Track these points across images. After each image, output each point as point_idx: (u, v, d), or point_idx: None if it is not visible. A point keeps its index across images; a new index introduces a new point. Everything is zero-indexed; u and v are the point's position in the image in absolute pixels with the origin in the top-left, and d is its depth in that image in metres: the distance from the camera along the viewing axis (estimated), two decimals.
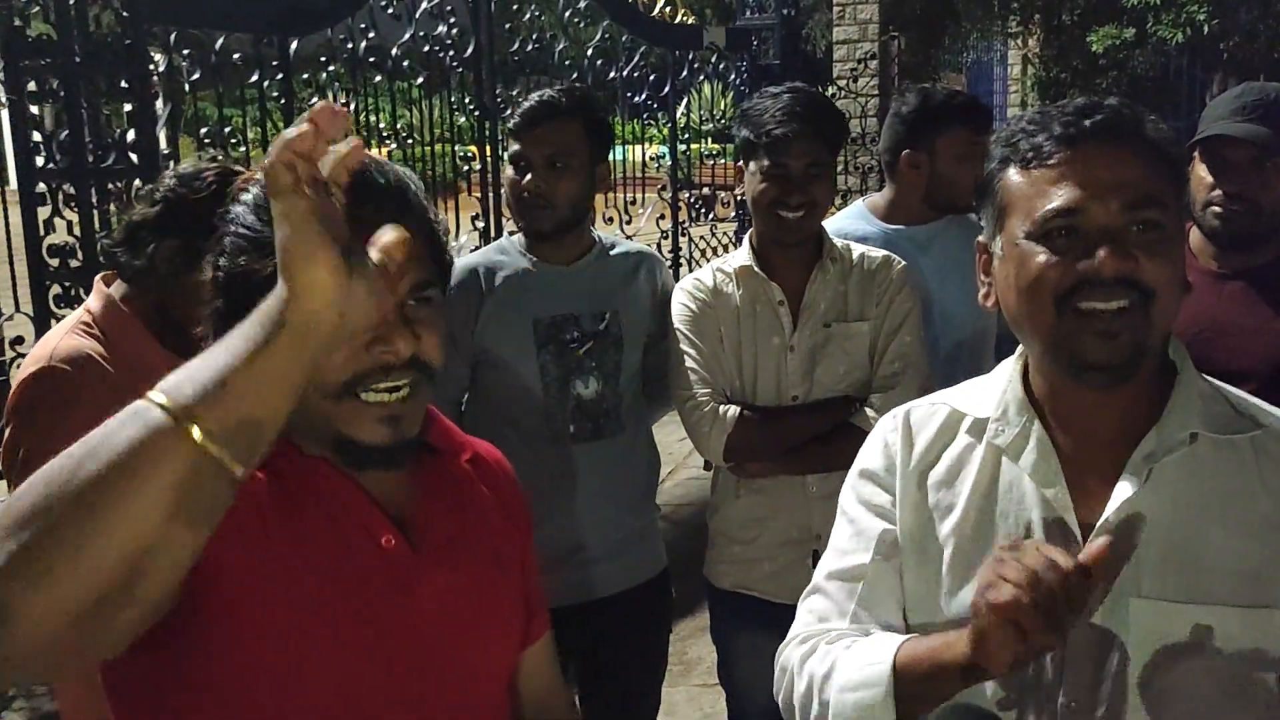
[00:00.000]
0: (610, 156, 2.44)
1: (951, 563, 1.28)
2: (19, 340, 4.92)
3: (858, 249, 2.45)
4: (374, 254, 0.90)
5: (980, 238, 1.32)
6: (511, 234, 2.55)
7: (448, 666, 1.20)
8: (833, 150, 2.32)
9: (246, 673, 1.09)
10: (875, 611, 1.31)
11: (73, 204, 4.36)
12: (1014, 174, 1.21)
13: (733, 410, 2.27)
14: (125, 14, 4.61)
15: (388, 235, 0.91)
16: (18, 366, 4.65)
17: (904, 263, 2.47)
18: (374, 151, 6.71)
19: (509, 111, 8.34)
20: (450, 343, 2.33)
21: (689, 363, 2.31)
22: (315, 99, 6.83)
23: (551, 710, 1.44)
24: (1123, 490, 1.16)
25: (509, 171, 2.30)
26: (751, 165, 2.29)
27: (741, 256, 2.39)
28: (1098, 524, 1.17)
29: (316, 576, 1.12)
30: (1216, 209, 2.08)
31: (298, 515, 1.12)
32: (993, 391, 1.30)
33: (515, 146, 2.31)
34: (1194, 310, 2.11)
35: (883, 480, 1.34)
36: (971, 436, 1.30)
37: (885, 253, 2.46)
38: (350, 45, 6.71)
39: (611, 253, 2.44)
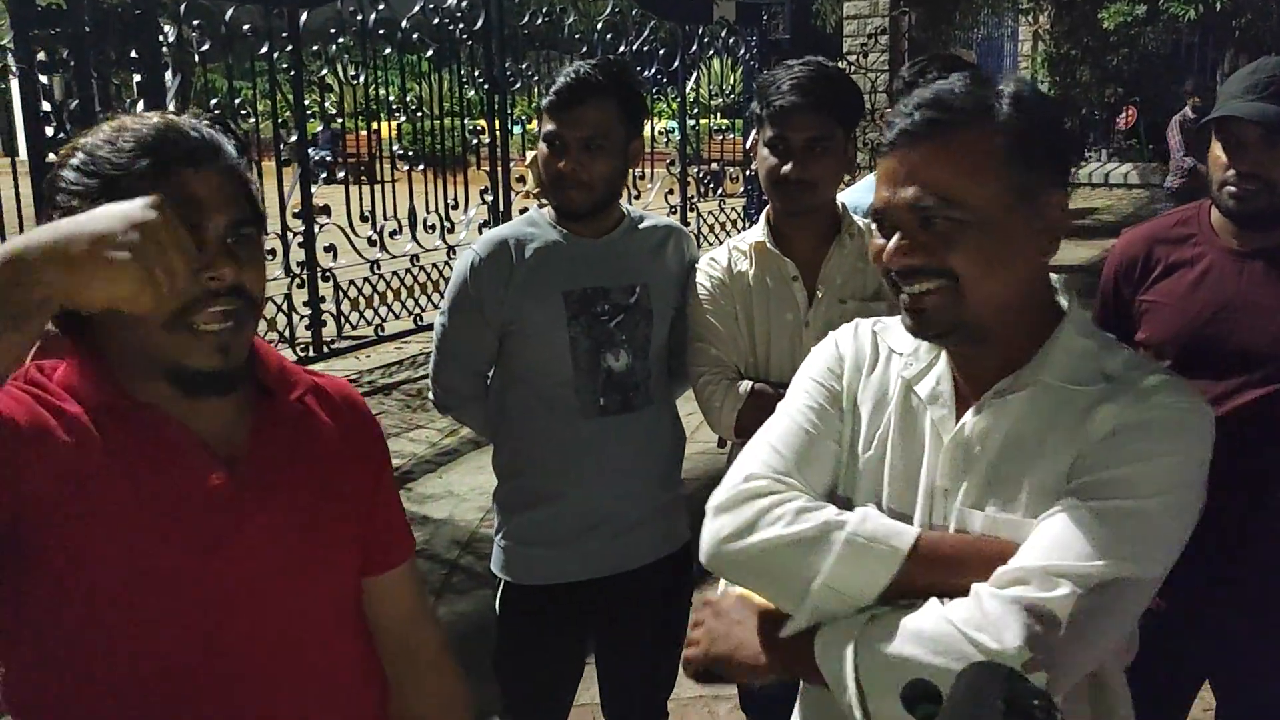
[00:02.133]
0: (642, 131, 2.42)
1: (855, 465, 1.44)
2: None
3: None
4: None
5: None
6: (526, 209, 2.55)
7: (271, 595, 1.28)
8: (842, 125, 2.29)
9: (73, 606, 1.18)
10: (810, 473, 1.43)
11: None
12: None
13: (745, 385, 2.27)
14: None
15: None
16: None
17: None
18: (383, 124, 6.65)
19: (518, 85, 8.30)
20: (479, 314, 2.34)
21: (703, 339, 2.32)
22: (324, 71, 6.84)
23: (413, 638, 1.48)
24: (969, 417, 1.36)
25: (542, 148, 2.27)
26: (759, 136, 2.29)
27: (757, 232, 2.38)
28: (945, 440, 1.36)
29: (145, 514, 1.20)
30: (1231, 188, 2.08)
31: (125, 456, 1.21)
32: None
33: (550, 126, 2.26)
34: (1214, 289, 2.11)
35: (833, 367, 1.52)
36: (892, 362, 1.48)
37: None
38: (360, 18, 6.69)
39: (640, 226, 2.42)
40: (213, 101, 5.71)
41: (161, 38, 5.33)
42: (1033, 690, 1.02)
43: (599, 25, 8.45)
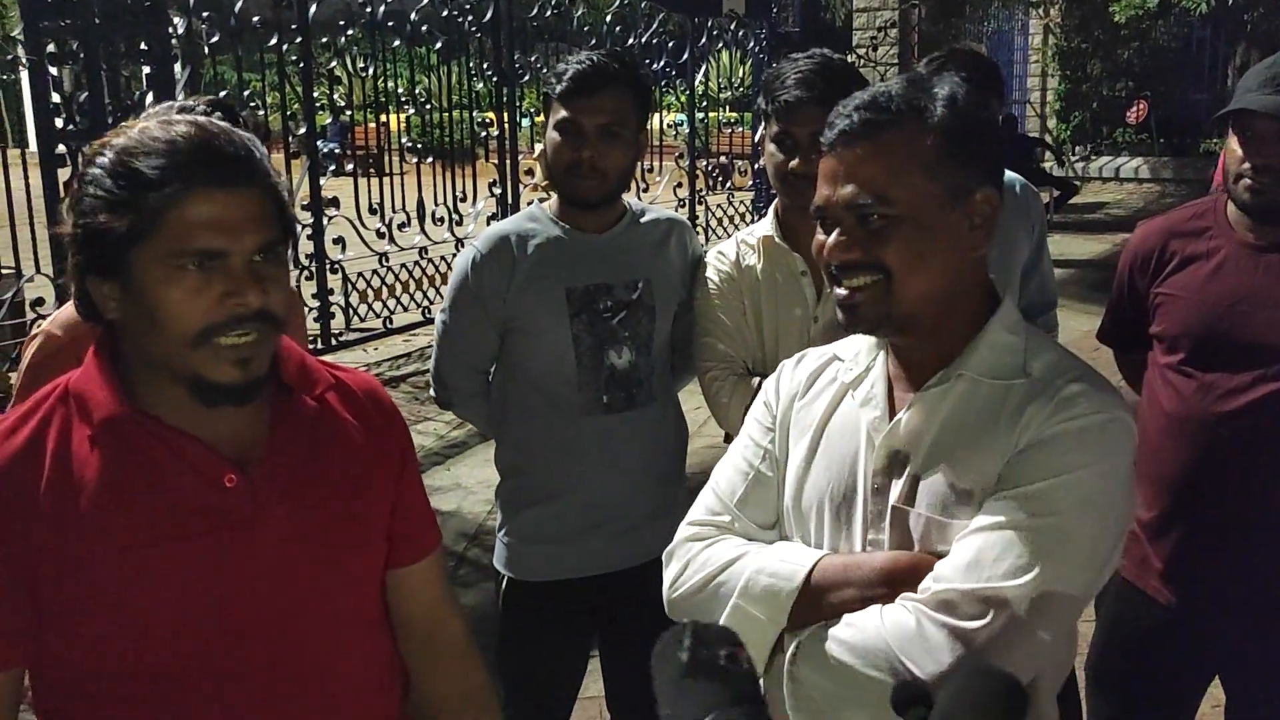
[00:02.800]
0: (648, 123, 2.41)
1: (792, 476, 1.50)
2: (39, 301, 4.96)
3: None
4: None
5: None
6: (534, 202, 2.53)
7: (291, 593, 1.29)
8: None
9: (93, 624, 1.22)
10: (749, 511, 1.52)
11: None
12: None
13: (753, 381, 2.27)
14: None
15: None
16: (39, 326, 4.70)
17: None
18: (392, 117, 6.66)
19: (526, 77, 8.29)
20: (480, 310, 2.32)
21: (711, 334, 2.31)
22: (333, 63, 6.84)
23: (437, 629, 1.49)
24: (901, 414, 1.39)
25: (553, 137, 2.26)
26: (766, 132, 2.28)
27: (765, 227, 2.37)
28: (878, 439, 1.40)
29: (156, 520, 1.22)
30: (1247, 181, 2.07)
31: (131, 469, 1.23)
32: (865, 337, 1.51)
33: (563, 113, 2.23)
34: (1230, 282, 2.10)
35: (770, 401, 1.58)
36: (834, 373, 1.53)
37: None
38: (369, 10, 6.69)
39: (642, 220, 2.39)
40: (222, 93, 5.69)
41: (171, 29, 5.34)
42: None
43: (608, 18, 8.44)
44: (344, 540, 1.34)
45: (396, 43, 7.10)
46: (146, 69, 5.21)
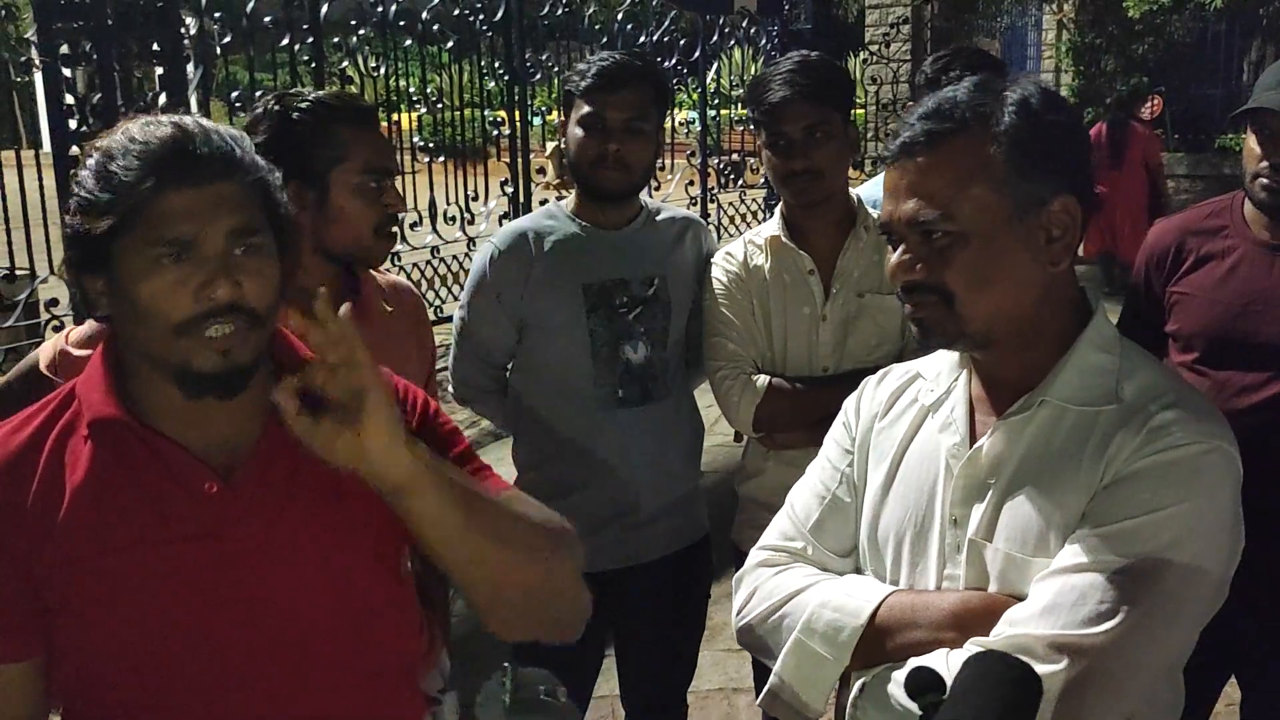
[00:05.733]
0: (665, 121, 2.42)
1: (870, 504, 1.43)
2: (54, 302, 4.97)
3: None
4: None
5: None
6: (546, 201, 2.53)
7: (265, 597, 1.29)
8: (837, 110, 2.26)
9: (80, 614, 1.25)
10: (825, 538, 1.46)
11: None
12: None
13: (762, 380, 2.27)
14: None
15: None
16: (52, 328, 4.71)
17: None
18: (404, 116, 6.64)
19: (538, 76, 8.30)
20: (498, 307, 2.33)
21: (720, 334, 2.31)
22: (345, 63, 6.85)
23: None
24: (983, 442, 1.31)
25: (576, 133, 2.27)
26: (760, 140, 2.29)
27: (772, 227, 2.37)
28: (957, 469, 1.32)
29: (137, 524, 1.25)
30: (1264, 180, 2.05)
31: (117, 471, 1.26)
32: (948, 354, 1.43)
33: (586, 109, 2.24)
34: (1246, 282, 2.09)
35: (849, 422, 1.51)
36: (915, 393, 1.45)
37: None
38: (380, 9, 6.70)
39: (658, 218, 2.41)
40: (234, 94, 5.70)
41: (183, 30, 5.35)
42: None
43: (619, 16, 8.42)
44: (345, 531, 1.34)
45: (408, 42, 7.10)
46: (159, 70, 5.23)
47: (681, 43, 8.78)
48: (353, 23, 6.64)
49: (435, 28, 7.02)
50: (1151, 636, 1.18)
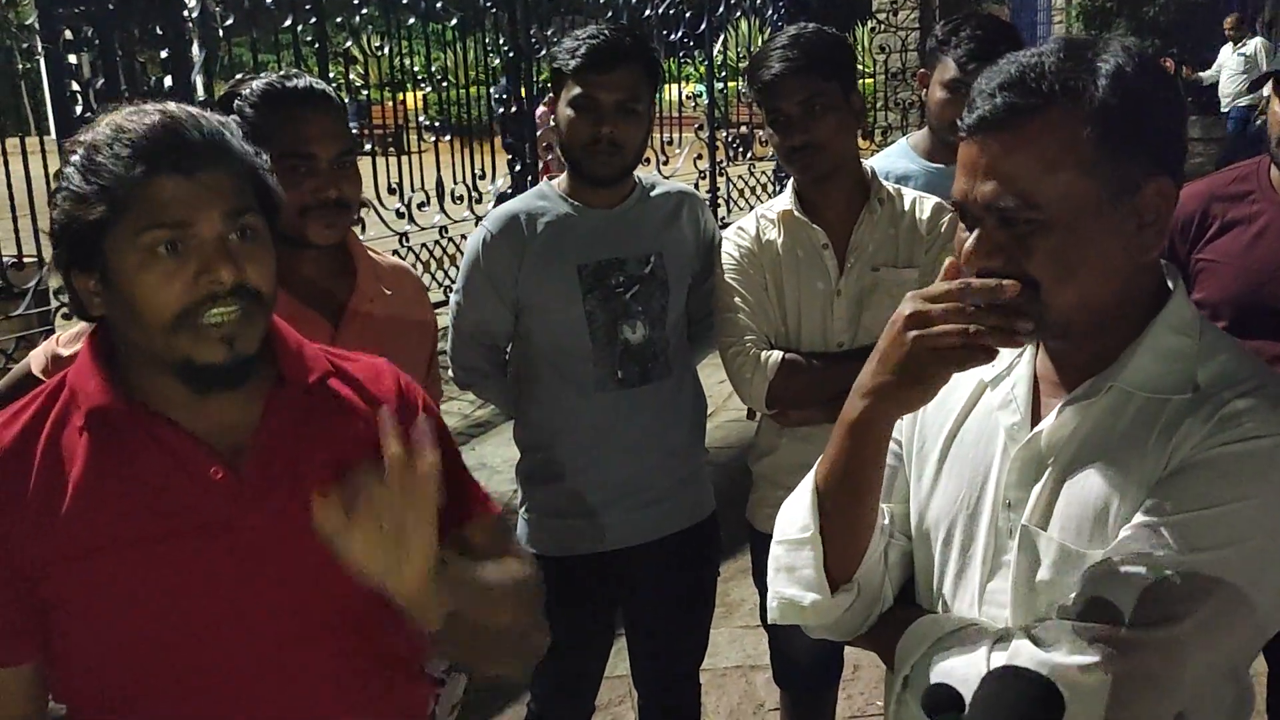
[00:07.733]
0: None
1: (925, 478, 1.37)
2: (62, 289, 4.97)
3: (909, 194, 2.38)
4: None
5: None
6: (549, 179, 2.51)
7: (269, 587, 1.27)
8: (834, 79, 2.22)
9: (83, 610, 1.23)
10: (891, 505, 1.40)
11: None
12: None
13: (775, 356, 2.24)
14: None
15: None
16: (61, 315, 4.71)
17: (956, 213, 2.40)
18: (409, 95, 6.61)
19: (543, 53, 8.28)
20: (493, 291, 2.31)
21: (732, 310, 2.28)
22: (349, 42, 6.82)
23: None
24: (1045, 423, 1.24)
25: (567, 113, 2.24)
26: (762, 119, 2.27)
27: (784, 201, 2.34)
28: (1014, 449, 1.26)
29: (140, 513, 1.23)
30: None
31: (117, 461, 1.24)
32: None
33: (577, 90, 2.21)
34: (1272, 247, 2.06)
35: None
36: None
37: (937, 200, 2.39)
38: None
39: (652, 194, 2.38)
40: (238, 75, 5.69)
41: (186, 13, 5.32)
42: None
43: None
44: None
45: (412, 20, 7.06)
46: (163, 53, 5.20)
47: (688, 15, 8.71)
48: (356, 2, 6.60)
49: (439, 5, 6.97)
50: (1210, 638, 1.10)
